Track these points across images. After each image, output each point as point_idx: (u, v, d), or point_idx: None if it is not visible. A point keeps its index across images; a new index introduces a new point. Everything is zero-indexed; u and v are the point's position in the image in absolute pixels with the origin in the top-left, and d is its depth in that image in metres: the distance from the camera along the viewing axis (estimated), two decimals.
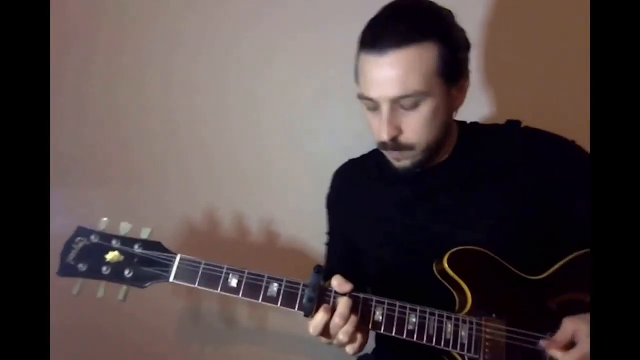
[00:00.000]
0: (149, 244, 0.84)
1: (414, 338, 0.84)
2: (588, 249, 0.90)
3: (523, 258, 0.91)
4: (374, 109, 0.89)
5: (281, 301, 0.82)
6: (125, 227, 0.85)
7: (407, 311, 0.84)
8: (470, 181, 0.96)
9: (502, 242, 0.91)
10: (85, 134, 1.35)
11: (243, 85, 1.34)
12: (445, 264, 0.88)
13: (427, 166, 0.96)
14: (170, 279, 0.83)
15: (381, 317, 0.84)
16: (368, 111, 0.91)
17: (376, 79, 0.86)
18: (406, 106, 0.86)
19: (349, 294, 0.83)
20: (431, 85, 0.85)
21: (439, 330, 0.84)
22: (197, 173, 1.37)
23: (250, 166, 1.37)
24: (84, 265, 0.83)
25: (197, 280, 0.83)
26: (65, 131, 1.27)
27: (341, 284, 0.83)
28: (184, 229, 1.31)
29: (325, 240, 1.15)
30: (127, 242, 0.84)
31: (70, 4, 1.30)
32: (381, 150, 0.95)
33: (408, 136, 0.89)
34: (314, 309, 0.81)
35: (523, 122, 1.00)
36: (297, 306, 0.82)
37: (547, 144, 0.96)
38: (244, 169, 1.37)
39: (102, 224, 0.85)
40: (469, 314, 0.87)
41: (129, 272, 0.83)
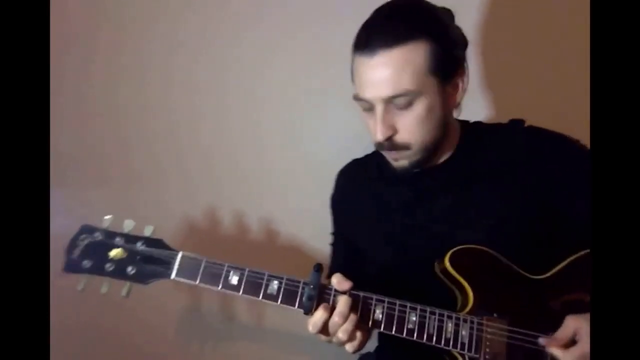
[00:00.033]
0: (151, 242, 0.85)
1: (414, 337, 0.84)
2: (588, 249, 0.90)
3: (523, 258, 0.91)
4: (369, 109, 0.90)
5: (281, 299, 0.82)
6: (129, 225, 0.86)
7: (407, 310, 0.84)
8: (470, 181, 0.96)
9: (502, 242, 0.91)
10: (85, 134, 1.35)
11: (243, 85, 1.34)
12: (447, 263, 0.88)
13: (426, 166, 0.96)
14: (172, 276, 0.83)
15: (381, 316, 0.84)
16: (364, 112, 0.92)
17: (369, 79, 0.87)
18: (400, 106, 0.87)
19: (349, 293, 0.83)
20: (424, 84, 0.86)
21: (440, 329, 0.84)
22: (197, 173, 1.37)
23: (250, 166, 1.37)
24: (88, 262, 0.83)
25: (199, 278, 0.83)
26: (65, 131, 1.27)
27: (341, 282, 0.83)
28: (184, 228, 1.31)
29: (329, 240, 1.15)
30: (131, 239, 0.84)
31: (70, 4, 1.30)
32: (378, 150, 0.95)
33: (403, 136, 0.89)
34: (314, 307, 0.81)
35: (526, 121, 1.00)
36: (297, 304, 0.82)
37: (550, 143, 0.96)
38: (244, 169, 1.37)
39: (106, 221, 0.86)
40: (470, 313, 0.87)
41: (132, 269, 0.83)
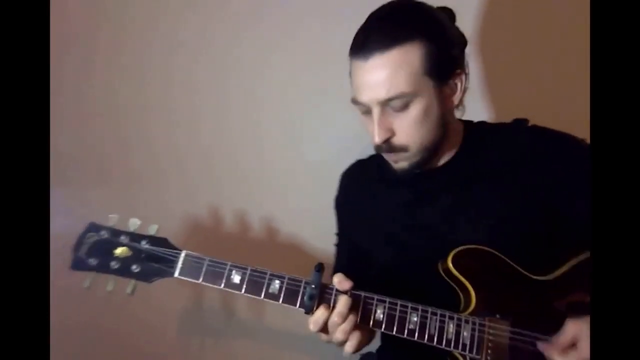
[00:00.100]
0: (156, 240, 0.86)
1: (415, 337, 0.84)
2: (588, 249, 0.90)
3: (524, 258, 0.91)
4: (366, 112, 0.90)
5: (283, 298, 0.83)
6: (135, 223, 0.87)
7: (408, 310, 0.84)
8: (471, 181, 0.96)
9: (502, 242, 0.91)
10: (85, 134, 1.35)
11: (243, 85, 1.34)
12: (449, 263, 0.88)
13: (427, 167, 0.96)
14: (175, 274, 0.84)
15: (382, 316, 0.84)
16: (362, 115, 0.92)
17: (364, 83, 0.87)
18: (396, 108, 0.87)
19: (350, 292, 0.83)
20: (419, 86, 0.86)
21: (441, 330, 0.84)
22: (197, 173, 1.37)
23: (250, 166, 1.37)
24: (94, 260, 0.84)
25: (202, 277, 0.84)
26: (65, 131, 1.27)
27: (341, 282, 0.83)
28: (184, 228, 1.31)
29: (330, 239, 1.15)
30: (136, 238, 0.86)
31: (70, 4, 1.30)
32: (377, 152, 0.95)
33: (401, 138, 0.89)
34: (315, 306, 0.82)
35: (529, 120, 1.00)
36: (298, 303, 0.83)
37: (553, 142, 0.96)
38: (244, 169, 1.37)
39: (112, 219, 0.87)
40: (473, 314, 0.87)
41: (136, 267, 0.84)
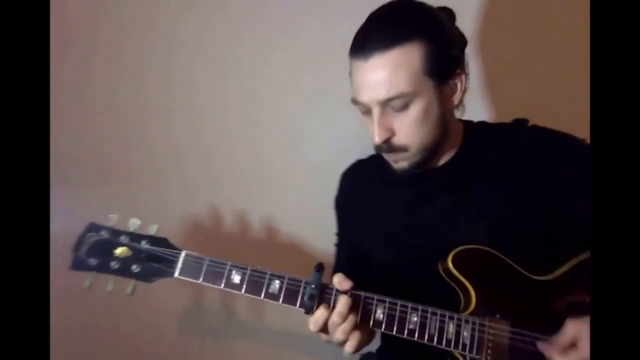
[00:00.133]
0: (156, 240, 0.86)
1: (415, 337, 0.84)
2: (588, 249, 0.90)
3: (524, 258, 0.90)
4: (366, 112, 0.90)
5: (283, 298, 0.83)
6: (135, 223, 0.87)
7: (408, 310, 0.84)
8: (471, 181, 0.96)
9: (502, 242, 0.90)
10: (85, 134, 1.35)
11: (243, 85, 1.34)
12: (449, 263, 0.88)
13: (427, 167, 0.96)
14: (175, 274, 0.84)
15: (382, 316, 0.84)
16: (362, 115, 0.92)
17: (364, 83, 0.87)
18: (396, 108, 0.87)
19: (350, 293, 0.83)
20: (419, 86, 0.86)
21: (441, 330, 0.84)
22: (197, 173, 1.37)
23: (250, 166, 1.37)
24: (94, 260, 0.84)
25: (202, 277, 0.84)
26: (65, 131, 1.27)
27: (341, 282, 0.83)
28: (184, 228, 1.31)
29: (330, 239, 1.15)
30: (136, 238, 0.86)
31: (70, 4, 1.30)
32: (377, 152, 0.95)
33: (401, 138, 0.89)
34: (315, 306, 0.82)
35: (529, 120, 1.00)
36: (298, 303, 0.83)
37: (553, 142, 0.96)
38: (244, 169, 1.37)
39: (112, 220, 0.87)
40: (473, 314, 0.87)
41: (136, 267, 0.84)
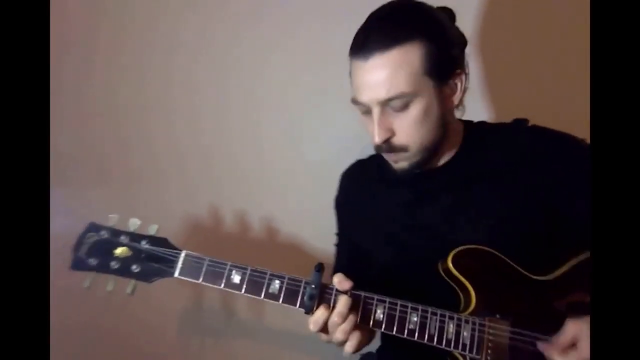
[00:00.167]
0: (156, 240, 0.86)
1: (415, 337, 0.84)
2: (588, 249, 0.90)
3: (524, 258, 0.90)
4: (366, 112, 0.90)
5: (283, 298, 0.83)
6: (135, 223, 0.87)
7: (408, 310, 0.84)
8: (471, 181, 0.96)
9: (502, 242, 0.90)
10: (85, 134, 1.35)
11: (243, 85, 1.34)
12: (449, 263, 0.88)
13: (427, 167, 0.96)
14: (175, 274, 0.84)
15: (382, 316, 0.84)
16: (362, 115, 0.92)
17: (364, 83, 0.87)
18: (396, 108, 0.87)
19: (350, 293, 0.83)
20: (419, 86, 0.86)
21: (441, 330, 0.84)
22: (197, 173, 1.37)
23: (250, 166, 1.37)
24: (94, 260, 0.84)
25: (202, 277, 0.84)
26: (65, 131, 1.27)
27: (341, 282, 0.83)
28: (184, 228, 1.31)
29: (330, 239, 1.15)
30: (136, 238, 0.86)
31: (70, 4, 1.30)
32: (377, 152, 0.95)
33: (401, 138, 0.89)
34: (315, 306, 0.82)
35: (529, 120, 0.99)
36: (298, 303, 0.83)
37: (553, 142, 0.96)
38: (244, 169, 1.37)
39: (112, 220, 0.87)
40: (473, 314, 0.87)
41: (136, 267, 0.84)
